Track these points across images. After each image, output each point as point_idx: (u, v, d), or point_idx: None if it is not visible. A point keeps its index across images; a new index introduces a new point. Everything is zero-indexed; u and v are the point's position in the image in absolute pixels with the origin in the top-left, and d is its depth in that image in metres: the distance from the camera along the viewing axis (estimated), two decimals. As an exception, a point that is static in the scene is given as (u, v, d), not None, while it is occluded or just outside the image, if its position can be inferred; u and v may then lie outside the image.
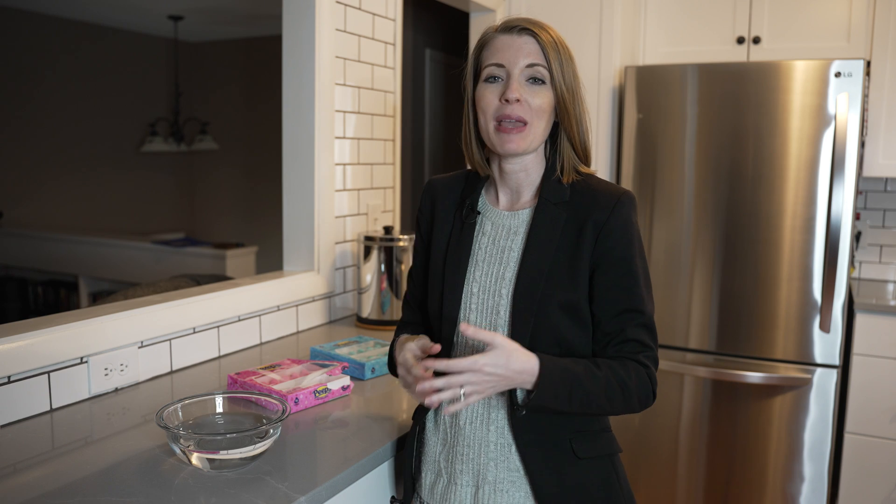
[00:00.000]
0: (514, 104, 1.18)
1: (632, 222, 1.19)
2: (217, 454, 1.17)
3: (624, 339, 1.18)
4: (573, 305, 1.17)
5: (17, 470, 1.20)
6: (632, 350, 1.18)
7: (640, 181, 2.86)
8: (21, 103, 5.09)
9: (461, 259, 1.26)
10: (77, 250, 4.75)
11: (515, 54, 1.19)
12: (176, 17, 5.27)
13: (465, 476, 1.23)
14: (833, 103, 2.52)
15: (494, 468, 1.20)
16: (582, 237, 1.18)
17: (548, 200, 1.22)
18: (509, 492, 1.19)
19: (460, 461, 1.23)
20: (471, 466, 1.22)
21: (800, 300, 2.61)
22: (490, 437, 1.21)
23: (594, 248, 1.18)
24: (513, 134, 1.19)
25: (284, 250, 2.24)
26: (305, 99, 2.14)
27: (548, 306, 1.17)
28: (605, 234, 1.17)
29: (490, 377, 1.08)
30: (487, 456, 1.21)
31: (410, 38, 3.83)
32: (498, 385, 1.10)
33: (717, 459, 2.78)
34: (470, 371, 1.07)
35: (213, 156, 6.24)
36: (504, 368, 1.08)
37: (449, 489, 1.24)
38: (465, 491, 1.23)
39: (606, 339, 1.19)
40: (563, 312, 1.17)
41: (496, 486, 1.20)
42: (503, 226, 1.25)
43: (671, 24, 3.15)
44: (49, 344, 1.44)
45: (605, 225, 1.17)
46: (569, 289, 1.17)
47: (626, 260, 1.18)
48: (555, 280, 1.17)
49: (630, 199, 1.20)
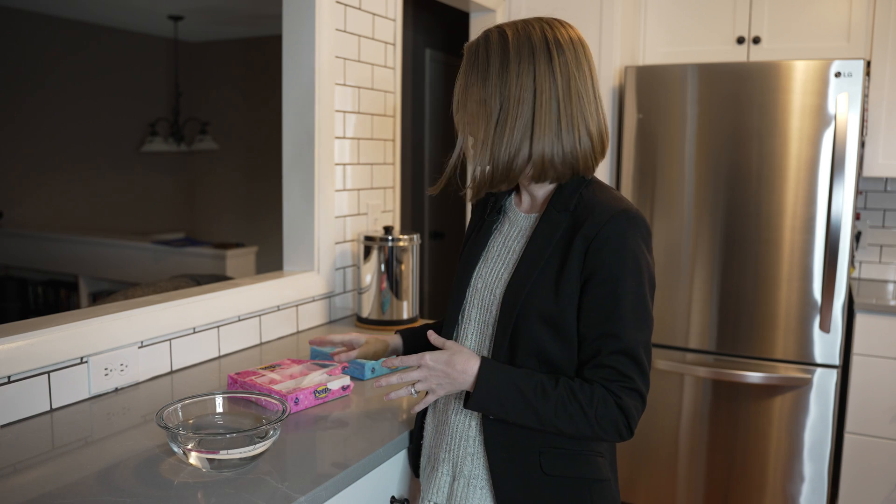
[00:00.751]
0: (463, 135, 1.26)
1: (627, 241, 1.10)
2: (217, 454, 1.17)
3: (598, 364, 1.10)
4: (555, 319, 1.12)
5: (17, 470, 1.20)
6: (605, 377, 1.10)
7: (640, 181, 2.86)
8: (21, 103, 5.09)
9: (472, 256, 1.29)
10: (77, 250, 4.75)
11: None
12: (176, 17, 5.27)
13: (445, 465, 1.26)
14: (833, 103, 2.52)
15: (471, 463, 1.22)
16: (572, 249, 1.12)
17: (553, 208, 1.19)
18: (484, 489, 1.21)
19: (444, 450, 1.26)
20: (451, 456, 1.25)
21: (800, 300, 2.61)
22: (471, 433, 1.22)
23: (584, 263, 1.11)
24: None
25: (284, 250, 2.24)
26: (305, 99, 2.14)
27: (528, 314, 1.13)
28: (595, 249, 1.10)
29: (433, 372, 1.16)
30: (466, 450, 1.23)
31: (410, 38, 3.83)
32: (444, 383, 1.17)
33: (717, 459, 2.78)
34: (417, 365, 1.18)
35: (213, 156, 6.24)
36: (445, 364, 1.15)
37: (433, 475, 1.29)
38: (443, 479, 1.26)
39: (585, 360, 1.12)
40: (543, 324, 1.13)
41: (470, 481, 1.22)
42: (518, 226, 1.26)
43: (671, 24, 3.15)
44: (49, 344, 1.44)
45: (594, 240, 1.10)
46: (550, 300, 1.12)
47: (612, 280, 1.09)
48: (539, 289, 1.13)
49: (629, 218, 1.11)
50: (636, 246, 1.10)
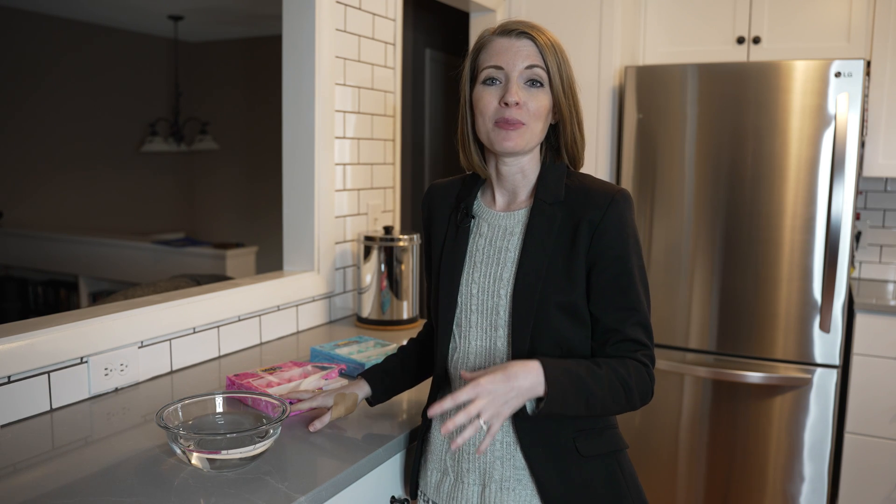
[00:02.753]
0: (514, 108, 1.18)
1: (627, 220, 1.19)
2: (217, 454, 1.17)
3: (622, 339, 1.17)
4: (571, 306, 1.18)
5: (17, 470, 1.20)
6: (630, 349, 1.17)
7: (640, 181, 2.86)
8: (21, 103, 5.09)
9: (456, 262, 1.26)
10: (77, 250, 4.75)
11: (514, 57, 1.19)
12: (176, 17, 5.27)
13: (471, 474, 1.23)
14: (833, 103, 2.52)
15: (500, 466, 1.21)
16: (577, 237, 1.18)
17: (543, 201, 1.22)
18: (515, 490, 1.20)
19: (467, 460, 1.24)
20: (477, 465, 1.23)
21: (800, 300, 2.61)
22: (496, 436, 1.21)
23: (589, 247, 1.17)
24: (510, 131, 1.19)
25: (284, 250, 2.24)
26: (305, 99, 2.14)
27: (546, 307, 1.17)
28: (601, 232, 1.17)
29: (496, 395, 1.06)
30: (493, 454, 1.22)
31: (410, 38, 3.83)
32: (510, 400, 1.07)
33: (717, 459, 2.78)
34: (475, 395, 1.05)
35: (213, 156, 6.24)
36: (505, 380, 1.06)
37: (456, 487, 1.25)
38: (472, 489, 1.23)
39: (605, 337, 1.19)
40: (561, 313, 1.17)
41: (502, 484, 1.21)
42: (499, 226, 1.26)
43: (671, 24, 3.15)
44: (49, 344, 1.44)
45: (599, 224, 1.17)
46: (566, 289, 1.17)
47: (621, 259, 1.17)
48: (552, 281, 1.17)
49: (625, 197, 1.19)
50: (632, 222, 1.20)
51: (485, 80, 1.21)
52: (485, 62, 1.22)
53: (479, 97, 1.22)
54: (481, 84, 1.22)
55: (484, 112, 1.21)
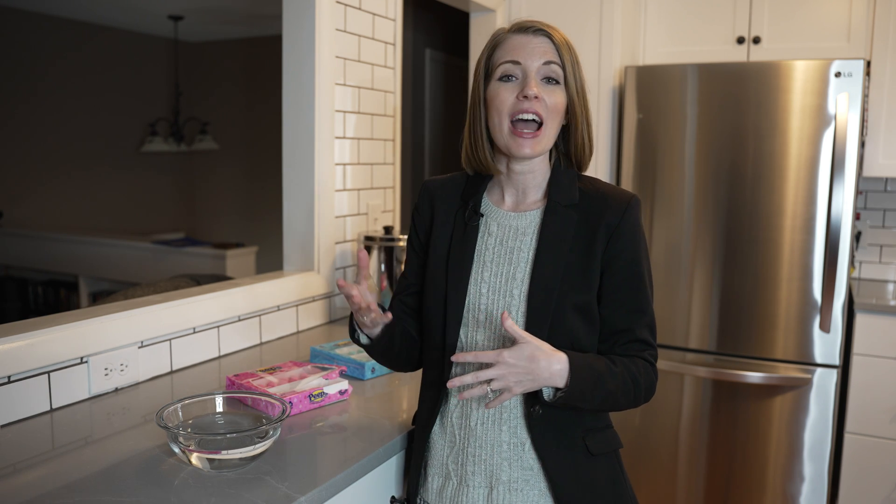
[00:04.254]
0: (533, 101, 1.18)
1: (639, 225, 1.23)
2: (217, 454, 1.17)
3: (632, 339, 1.21)
4: (586, 306, 1.20)
5: (17, 470, 1.20)
6: (638, 349, 1.21)
7: (640, 181, 2.86)
8: (21, 103, 5.09)
9: (464, 261, 1.25)
10: (77, 250, 4.75)
11: (532, 53, 1.19)
12: (176, 17, 5.27)
13: (477, 477, 1.23)
14: (833, 103, 2.52)
15: (508, 468, 1.21)
16: (595, 240, 1.20)
17: (557, 202, 1.23)
18: (523, 490, 1.20)
19: (472, 462, 1.23)
20: (483, 467, 1.22)
21: (800, 300, 2.61)
22: (503, 437, 1.21)
23: (605, 250, 1.20)
24: (527, 138, 1.19)
25: (284, 250, 2.24)
26: (305, 99, 2.14)
27: (563, 307, 1.18)
28: (617, 236, 1.20)
29: (513, 370, 1.08)
30: (500, 456, 1.21)
31: (410, 38, 3.83)
32: (524, 381, 1.09)
33: (717, 459, 2.78)
34: (495, 361, 1.08)
35: (213, 156, 6.24)
36: (528, 360, 1.08)
37: (460, 491, 1.24)
38: (477, 492, 1.23)
39: (614, 337, 1.22)
40: (577, 314, 1.19)
41: (510, 485, 1.21)
42: (510, 226, 1.25)
43: (671, 24, 3.15)
44: (49, 344, 1.44)
45: (617, 228, 1.20)
46: (582, 290, 1.20)
47: (634, 262, 1.21)
48: (569, 282, 1.19)
49: (638, 203, 1.24)
50: (642, 227, 1.25)
51: (501, 77, 1.21)
52: (501, 58, 1.21)
53: (494, 94, 1.21)
54: (497, 81, 1.21)
55: (500, 108, 1.20)
